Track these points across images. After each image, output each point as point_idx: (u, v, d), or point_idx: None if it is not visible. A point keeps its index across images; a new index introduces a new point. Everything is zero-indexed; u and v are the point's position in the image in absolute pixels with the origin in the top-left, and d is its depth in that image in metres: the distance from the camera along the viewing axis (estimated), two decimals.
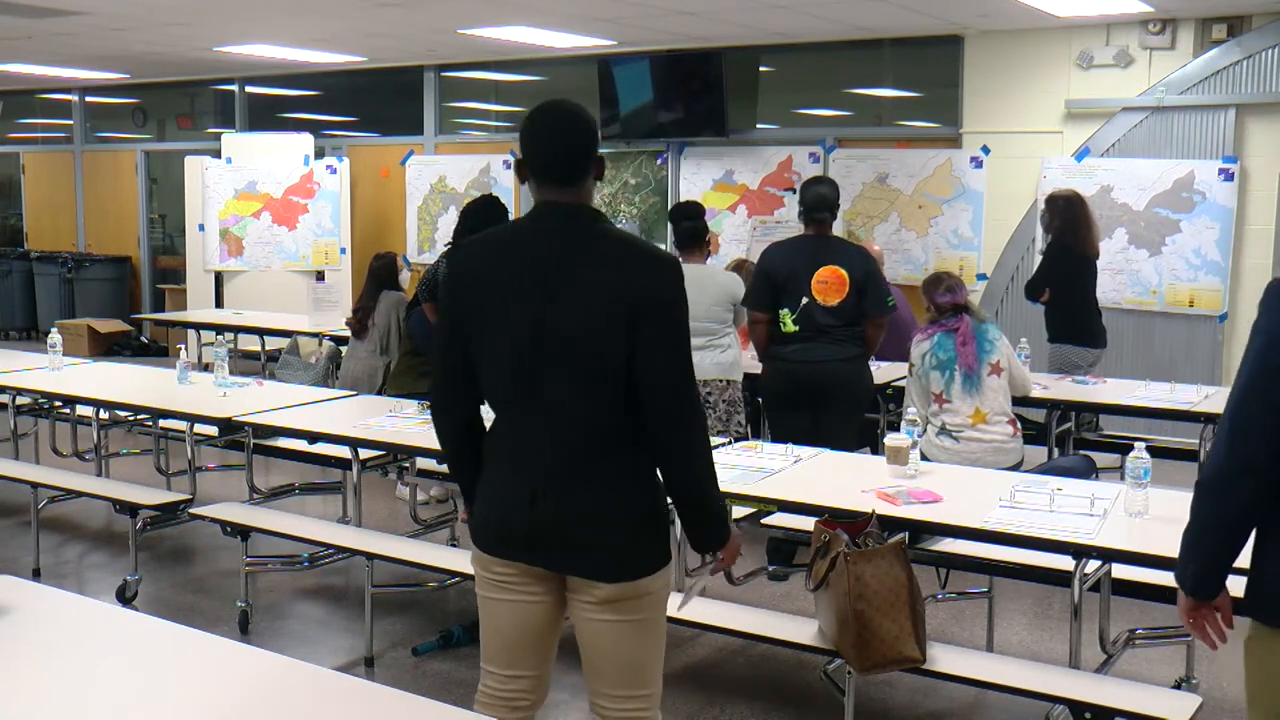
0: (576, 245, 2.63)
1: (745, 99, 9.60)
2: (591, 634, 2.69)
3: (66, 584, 5.45)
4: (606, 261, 2.62)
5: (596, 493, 2.63)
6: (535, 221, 2.71)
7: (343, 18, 8.30)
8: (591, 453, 2.63)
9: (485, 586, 2.75)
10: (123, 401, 5.60)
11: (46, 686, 2.24)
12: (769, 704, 4.20)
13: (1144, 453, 3.55)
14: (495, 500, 2.71)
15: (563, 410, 2.62)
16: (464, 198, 10.46)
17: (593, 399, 2.61)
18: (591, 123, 2.75)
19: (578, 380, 2.60)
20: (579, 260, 2.61)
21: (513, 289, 2.63)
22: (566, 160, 2.69)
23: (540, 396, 2.62)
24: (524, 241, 2.70)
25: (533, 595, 2.71)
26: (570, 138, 2.70)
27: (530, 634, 2.74)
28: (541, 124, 2.73)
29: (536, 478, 2.63)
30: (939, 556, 4.16)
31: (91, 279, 12.85)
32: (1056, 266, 6.56)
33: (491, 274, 2.67)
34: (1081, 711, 3.19)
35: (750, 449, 4.51)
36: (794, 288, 5.32)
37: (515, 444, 2.68)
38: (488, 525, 2.73)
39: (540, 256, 2.63)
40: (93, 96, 13.48)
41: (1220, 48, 7.59)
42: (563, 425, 2.62)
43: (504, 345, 2.64)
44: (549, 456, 2.63)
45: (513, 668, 2.77)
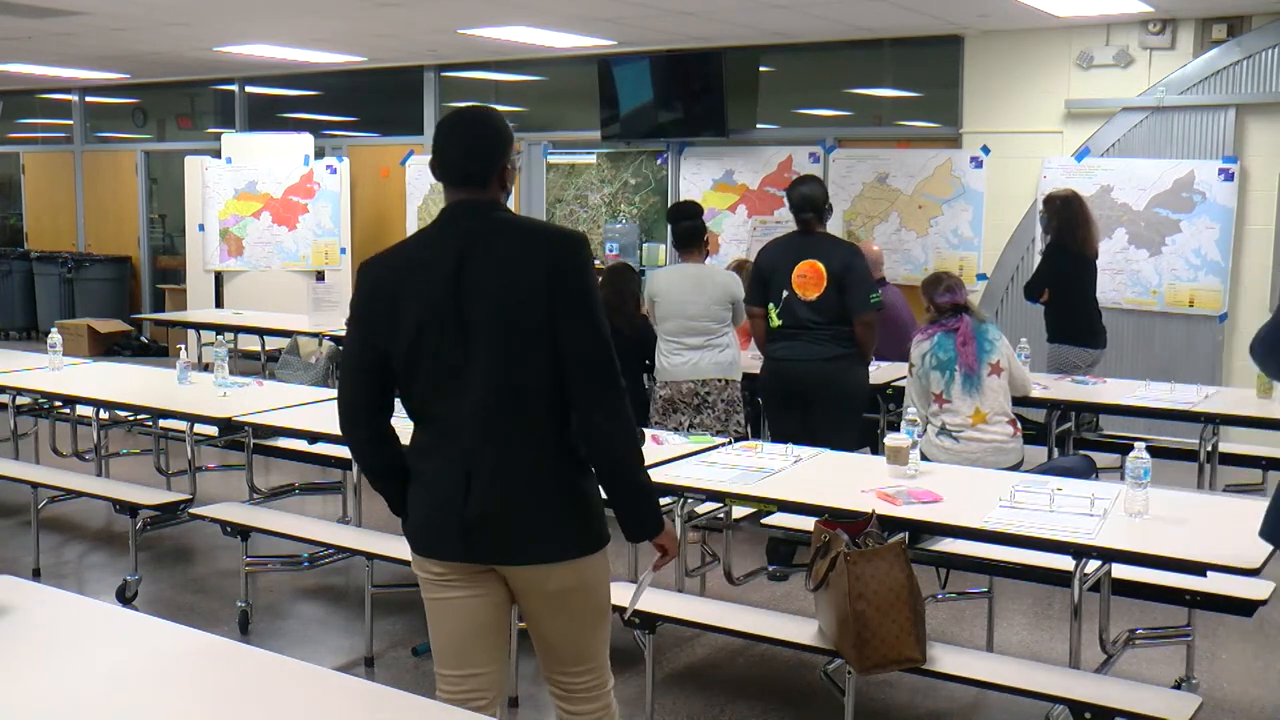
0: (482, 234, 2.69)
1: (745, 99, 9.59)
2: (538, 618, 2.75)
3: (66, 584, 5.45)
4: (514, 244, 2.68)
5: (528, 480, 2.66)
6: (440, 224, 2.76)
7: (343, 18, 8.30)
8: (520, 441, 2.66)
9: (428, 588, 2.77)
10: (123, 401, 5.60)
11: (46, 686, 2.24)
12: (769, 704, 4.20)
13: (1144, 453, 3.55)
14: (427, 502, 2.73)
15: (489, 401, 2.64)
16: None
17: (516, 384, 2.64)
18: (498, 130, 2.77)
19: (500, 368, 2.63)
20: (487, 248, 2.67)
21: (427, 289, 2.67)
22: (466, 165, 2.74)
23: (465, 391, 2.65)
24: (431, 242, 2.75)
25: (476, 591, 2.73)
26: (472, 144, 2.74)
27: (478, 631, 2.76)
28: (447, 129, 2.76)
29: (467, 473, 2.65)
30: (939, 556, 4.16)
31: (91, 279, 12.85)
32: (1055, 266, 6.56)
33: (404, 281, 2.71)
34: (1081, 711, 3.19)
35: (750, 449, 4.52)
36: (777, 282, 5.41)
37: (442, 444, 2.70)
38: (423, 527, 2.75)
39: (449, 253, 2.67)
40: (93, 96, 13.48)
41: (1220, 48, 7.59)
42: (490, 417, 2.65)
43: (426, 346, 2.66)
44: (478, 450, 2.65)
45: (464, 667, 2.78)
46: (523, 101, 11.30)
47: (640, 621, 3.86)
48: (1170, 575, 3.60)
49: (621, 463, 2.72)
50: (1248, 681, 4.42)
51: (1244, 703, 4.24)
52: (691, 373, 5.72)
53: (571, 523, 2.69)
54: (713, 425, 5.63)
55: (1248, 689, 4.35)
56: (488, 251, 2.66)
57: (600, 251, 9.97)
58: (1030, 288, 6.71)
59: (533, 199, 10.53)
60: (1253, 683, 4.41)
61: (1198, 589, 3.68)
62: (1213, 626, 4.72)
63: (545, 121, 10.96)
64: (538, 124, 10.93)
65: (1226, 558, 3.19)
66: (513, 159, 2.76)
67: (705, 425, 5.63)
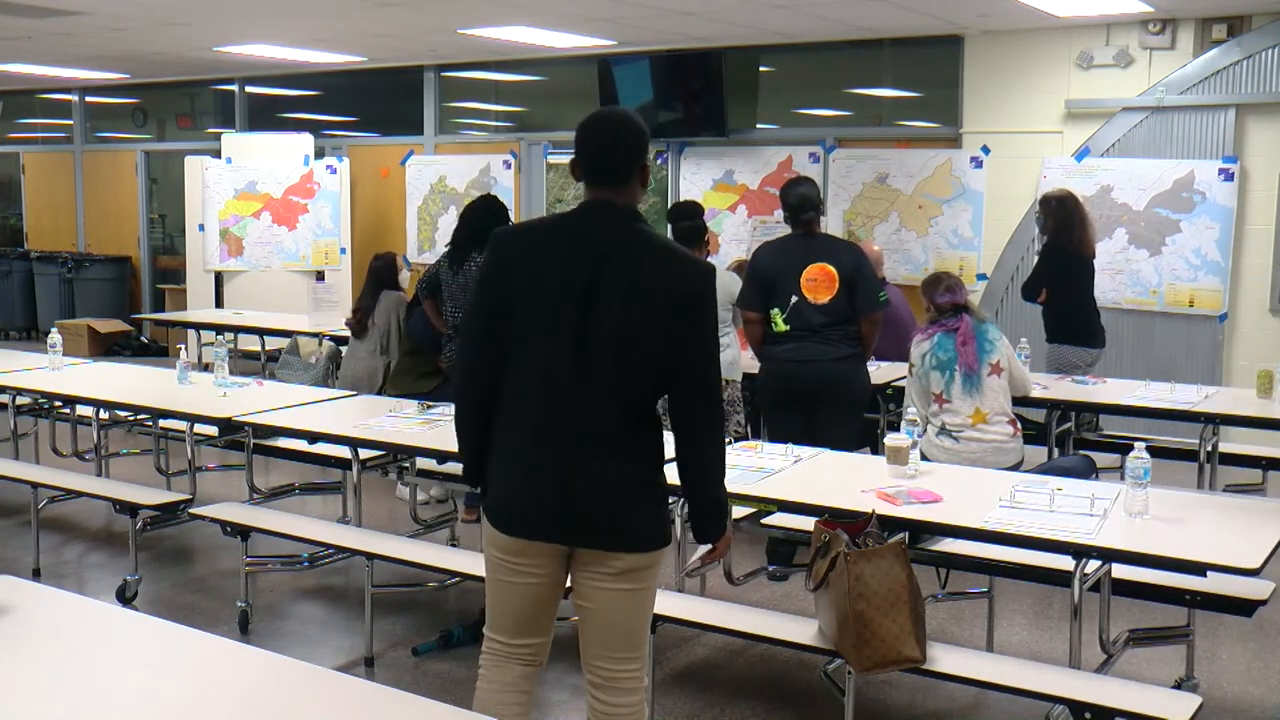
0: (620, 243, 2.84)
1: (745, 99, 9.59)
2: (602, 603, 2.89)
3: (66, 584, 5.45)
4: (648, 262, 2.85)
5: (623, 473, 2.84)
6: (582, 218, 2.92)
7: (343, 18, 8.30)
8: (620, 438, 2.83)
9: (498, 569, 2.92)
10: (123, 401, 5.60)
11: (46, 686, 2.24)
12: (769, 704, 4.20)
13: (1144, 453, 3.55)
14: (521, 482, 2.86)
15: (599, 398, 2.80)
16: (464, 198, 10.46)
17: (627, 389, 2.82)
18: (640, 131, 2.92)
19: (616, 371, 2.80)
20: (622, 258, 2.82)
21: (559, 280, 2.81)
22: (610, 164, 2.90)
23: (578, 384, 2.80)
24: (570, 235, 2.90)
25: (544, 572, 2.89)
26: (617, 143, 2.90)
27: (539, 607, 2.96)
28: (593, 128, 2.92)
29: (569, 460, 2.81)
30: (939, 556, 4.16)
31: (91, 279, 12.85)
32: (1052, 267, 6.55)
33: (537, 264, 2.85)
34: (1081, 711, 3.19)
35: (750, 449, 4.51)
36: (783, 287, 5.30)
37: (546, 429, 2.83)
38: (508, 507, 2.88)
39: (585, 251, 2.82)
40: (93, 96, 13.48)
41: (1220, 48, 7.59)
42: (597, 412, 2.81)
43: (547, 333, 2.80)
44: (583, 441, 2.81)
45: (520, 636, 2.97)
46: (523, 101, 11.30)
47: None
48: (1170, 575, 3.60)
49: (714, 486, 2.96)
50: (1248, 681, 4.42)
51: (1244, 703, 4.24)
52: None
53: (655, 518, 2.90)
54: None
55: (1248, 689, 4.35)
56: (624, 266, 2.81)
57: None
58: (1028, 288, 6.70)
59: (533, 199, 10.53)
60: (1253, 683, 4.41)
61: (1198, 589, 3.68)
62: (1213, 626, 4.72)
63: (545, 121, 10.95)
64: (538, 124, 10.93)
65: (1226, 558, 3.19)
66: (650, 157, 2.92)
67: None
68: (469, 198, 10.22)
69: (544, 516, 2.84)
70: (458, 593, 5.14)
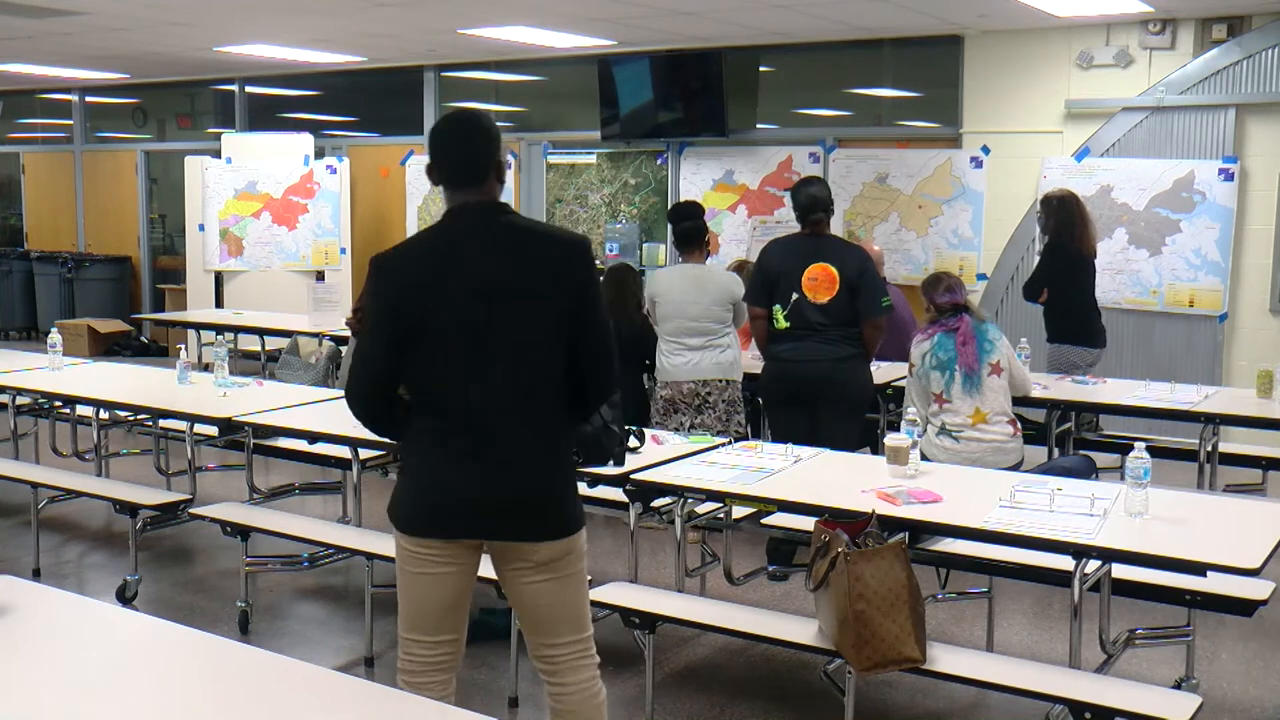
0: (502, 238, 2.92)
1: (745, 99, 9.59)
2: (531, 595, 2.97)
3: (66, 584, 5.45)
4: (533, 248, 2.93)
5: (539, 465, 2.93)
6: (458, 224, 2.95)
7: (343, 18, 8.30)
8: (529, 431, 2.92)
9: (414, 563, 2.95)
10: (123, 401, 5.60)
11: (46, 686, 2.24)
12: (769, 704, 4.20)
13: (1144, 453, 3.55)
14: (438, 484, 2.92)
15: (512, 393, 2.89)
16: None
17: (537, 377, 2.92)
18: (492, 129, 3.00)
19: (527, 363, 2.90)
20: (509, 251, 2.90)
21: (458, 287, 2.88)
22: (468, 165, 2.95)
23: (493, 383, 2.88)
24: (454, 243, 2.94)
25: (459, 565, 2.96)
26: (471, 145, 2.95)
27: (455, 601, 3.00)
28: (446, 132, 2.98)
29: (483, 460, 2.87)
30: (939, 556, 4.16)
31: (91, 279, 12.85)
32: (1053, 266, 6.55)
33: (430, 276, 2.90)
34: (1081, 711, 3.19)
35: (750, 449, 4.51)
36: (786, 284, 5.34)
37: (460, 429, 2.89)
38: (421, 509, 2.93)
39: (474, 254, 2.90)
40: (93, 96, 13.47)
41: (1220, 48, 7.59)
42: (504, 409, 2.89)
43: (449, 343, 2.87)
44: (493, 439, 2.88)
45: (439, 634, 3.00)
46: (523, 101, 11.30)
47: (640, 621, 3.87)
48: (1170, 575, 3.60)
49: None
50: (1248, 681, 4.42)
51: (1244, 703, 4.24)
52: (692, 373, 5.72)
53: (571, 504, 2.98)
54: (714, 425, 5.63)
55: (1248, 689, 4.35)
56: (514, 258, 2.89)
57: (600, 251, 9.97)
58: (1029, 287, 6.70)
59: (533, 199, 10.53)
60: (1253, 683, 4.41)
61: (1198, 589, 3.68)
62: (1213, 626, 4.72)
63: (545, 121, 10.96)
64: (538, 124, 10.93)
65: (1226, 558, 3.19)
66: (503, 154, 2.98)
67: (706, 425, 5.63)
68: None
69: (460, 515, 2.90)
70: None
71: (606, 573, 5.09)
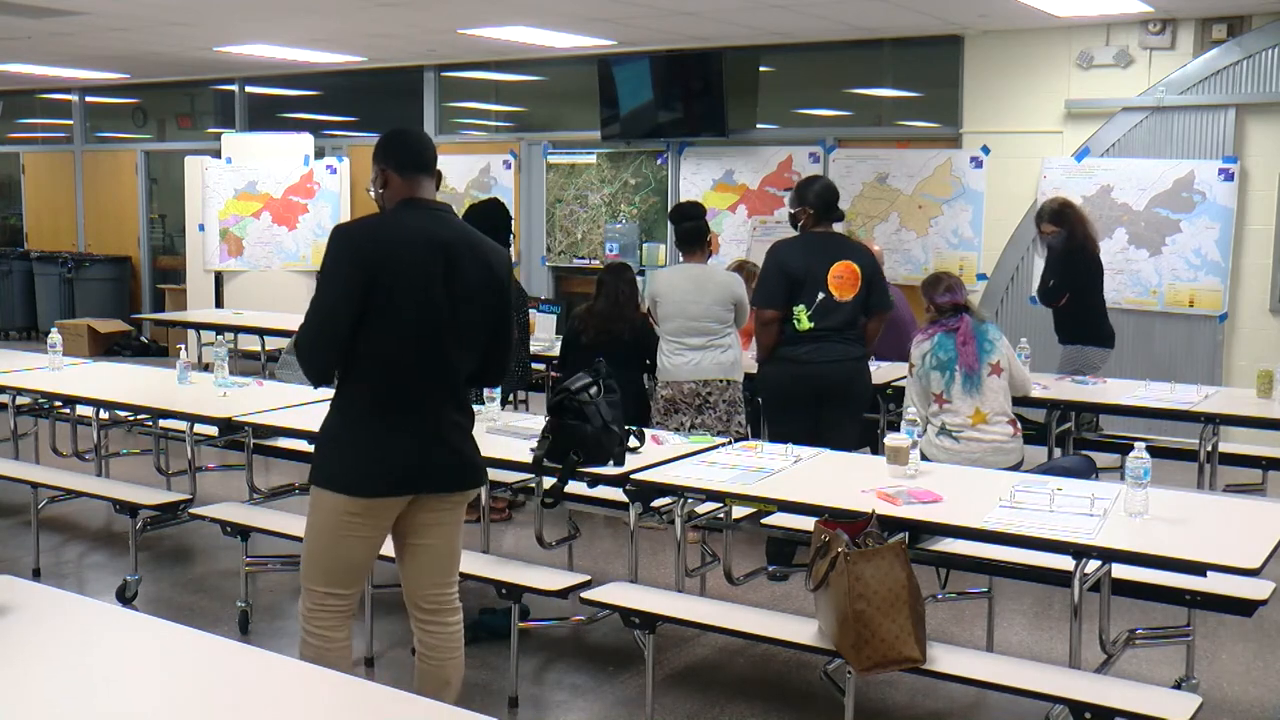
0: (456, 236, 3.32)
1: (745, 99, 9.60)
2: (442, 537, 3.39)
3: (66, 584, 5.45)
4: (478, 251, 3.35)
5: (463, 426, 3.39)
6: (418, 215, 3.31)
7: (343, 18, 8.30)
8: (460, 398, 3.39)
9: (348, 527, 3.26)
10: (123, 401, 5.59)
11: (46, 686, 2.24)
12: (769, 704, 4.20)
13: (1144, 453, 3.55)
14: (382, 451, 3.25)
15: (453, 370, 3.32)
16: (464, 197, 10.46)
17: (471, 358, 3.37)
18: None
19: (467, 345, 3.33)
20: (462, 248, 3.30)
21: (421, 270, 3.22)
22: (425, 164, 3.38)
23: (440, 359, 3.28)
24: (415, 230, 3.27)
25: (384, 526, 3.33)
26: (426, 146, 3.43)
27: (373, 557, 3.42)
28: (401, 135, 3.45)
29: (432, 423, 3.28)
30: (939, 556, 4.16)
31: (91, 279, 12.85)
32: (1079, 271, 6.51)
33: (391, 253, 3.22)
34: (1081, 711, 3.18)
35: (750, 449, 4.51)
36: (812, 283, 5.24)
37: (402, 404, 3.26)
38: (369, 474, 3.23)
39: (435, 243, 3.26)
40: (93, 96, 13.48)
41: (1220, 48, 7.59)
42: (451, 381, 3.33)
43: (412, 316, 3.21)
44: (440, 405, 3.30)
45: (354, 586, 3.39)
46: (523, 101, 11.30)
47: (640, 621, 3.87)
48: (1170, 575, 3.60)
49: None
50: (1248, 681, 4.42)
51: (1244, 703, 4.24)
52: (693, 373, 5.71)
53: (480, 458, 3.46)
54: (714, 425, 5.63)
55: (1248, 689, 4.35)
56: (464, 254, 3.29)
57: (600, 251, 9.98)
58: (1049, 293, 6.57)
59: (532, 199, 10.53)
60: (1253, 683, 4.41)
61: (1198, 589, 3.68)
62: (1213, 626, 4.72)
63: (545, 121, 10.96)
64: (538, 124, 10.93)
65: (1226, 558, 3.19)
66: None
67: (707, 425, 5.62)
68: (469, 198, 10.26)
69: (410, 474, 3.26)
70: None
71: (606, 573, 5.09)
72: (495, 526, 5.96)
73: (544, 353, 6.96)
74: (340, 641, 3.34)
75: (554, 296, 10.15)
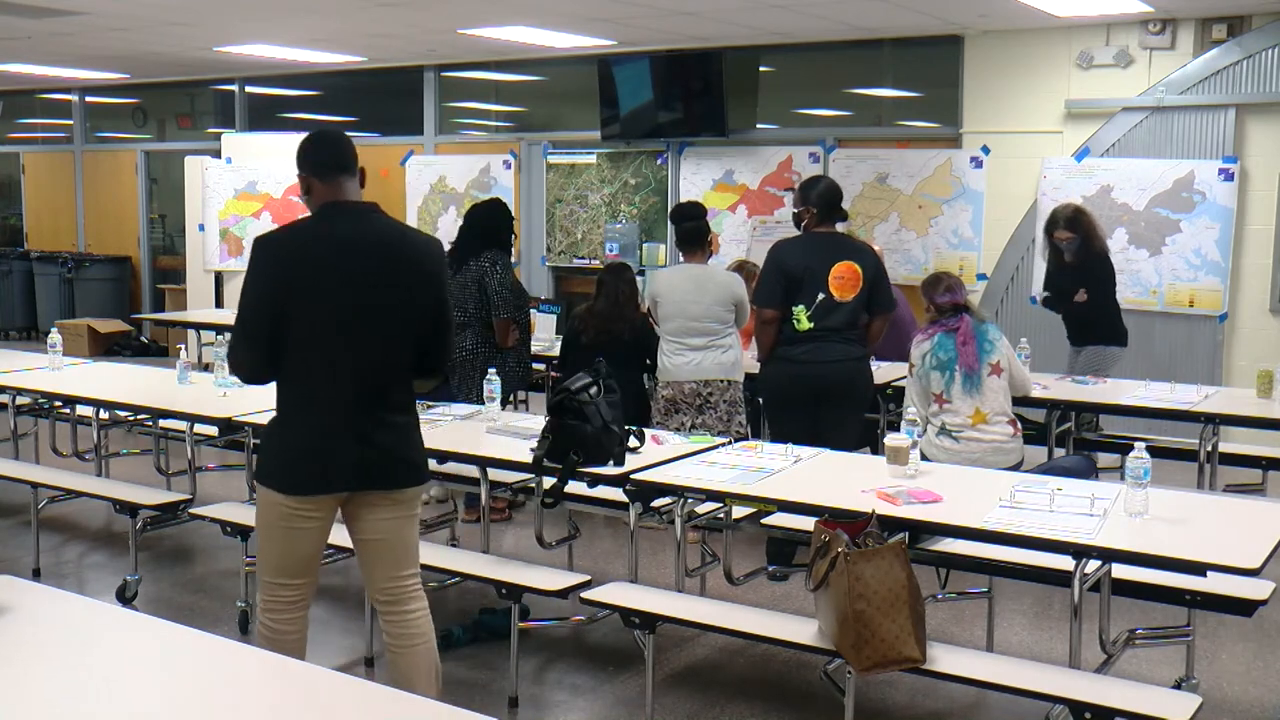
0: (383, 232, 3.38)
1: (745, 99, 9.60)
2: (390, 532, 3.46)
3: (66, 584, 5.45)
4: (407, 245, 3.42)
5: (403, 423, 3.44)
6: (335, 215, 3.37)
7: (343, 18, 8.30)
8: (396, 393, 3.42)
9: (290, 520, 3.35)
10: (123, 401, 5.60)
11: (46, 686, 2.24)
12: (769, 704, 4.20)
13: (1144, 453, 3.55)
14: (316, 449, 3.33)
15: (389, 365, 3.38)
16: (464, 198, 10.47)
17: (406, 352, 3.41)
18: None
19: (392, 338, 3.37)
20: (391, 244, 3.37)
21: (348, 269, 3.29)
22: (347, 165, 3.41)
23: (374, 356, 3.34)
24: (332, 232, 3.34)
25: (326, 517, 3.41)
26: (347, 147, 3.45)
27: (320, 547, 3.48)
28: (321, 138, 3.48)
29: (367, 420, 3.34)
30: (939, 556, 4.16)
31: (91, 279, 12.85)
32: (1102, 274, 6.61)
33: (311, 260, 3.30)
34: (1081, 711, 3.18)
35: (750, 449, 4.51)
36: (811, 283, 5.23)
37: (333, 403, 3.32)
38: (303, 472, 3.33)
39: (361, 242, 3.33)
40: (93, 96, 13.48)
41: (1220, 48, 7.59)
42: (380, 376, 3.37)
43: (332, 316, 3.28)
44: (377, 402, 3.36)
45: (304, 576, 3.45)
46: (523, 101, 11.30)
47: (640, 621, 3.87)
48: (1170, 575, 3.60)
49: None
50: (1248, 681, 4.42)
51: (1244, 703, 4.24)
52: (694, 373, 5.71)
53: (422, 456, 3.52)
54: (715, 426, 5.62)
55: (1248, 689, 4.35)
56: (394, 250, 3.37)
57: (600, 251, 9.97)
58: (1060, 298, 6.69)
59: (532, 199, 10.53)
60: (1253, 683, 4.41)
61: (1198, 589, 3.68)
62: (1213, 626, 4.73)
63: (545, 121, 10.96)
64: (538, 124, 10.93)
65: (1226, 558, 3.19)
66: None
67: (707, 426, 5.62)
68: (469, 198, 10.26)
69: (342, 472, 3.33)
70: (458, 593, 5.14)
71: (606, 573, 5.09)
72: (495, 526, 5.96)
73: (544, 353, 6.96)
74: (292, 634, 3.43)
75: (554, 296, 10.16)
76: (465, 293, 5.90)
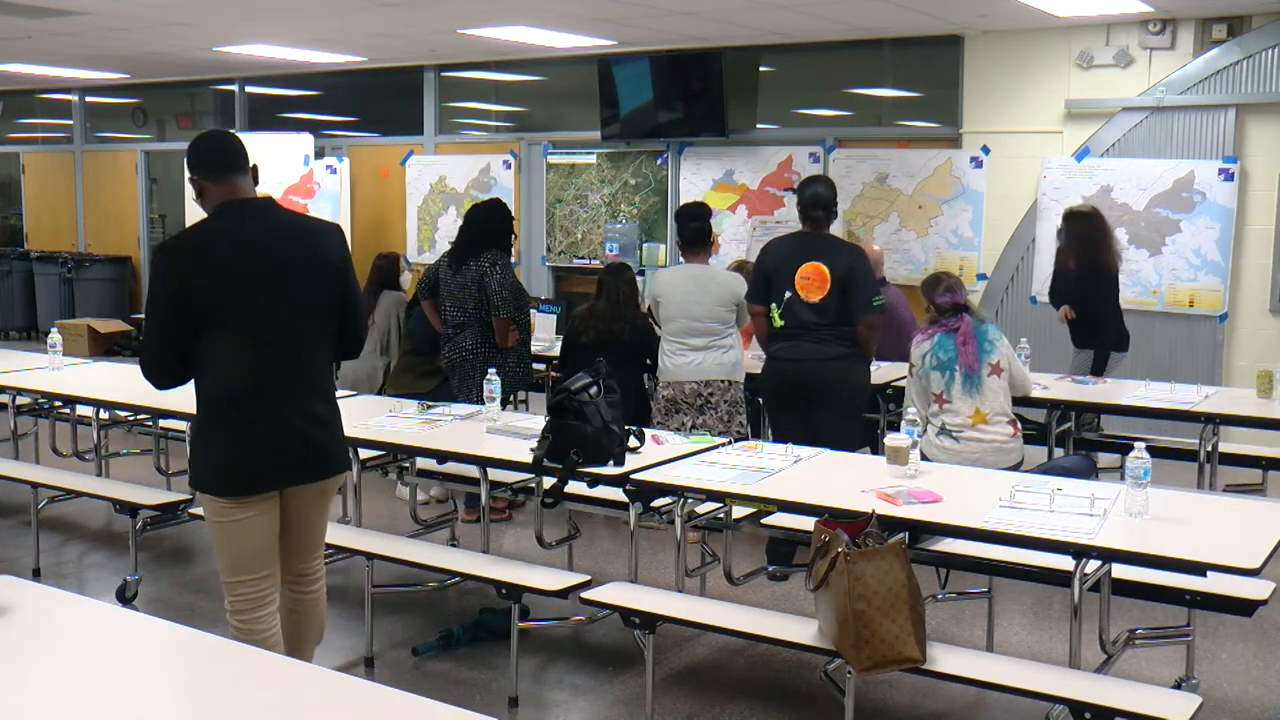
0: (285, 227, 3.45)
1: (745, 99, 9.60)
2: (314, 517, 3.59)
3: (66, 584, 5.45)
4: (310, 236, 3.48)
5: (329, 415, 3.53)
6: (234, 214, 3.39)
7: (343, 18, 8.30)
8: (323, 386, 3.53)
9: (232, 518, 3.40)
10: (123, 401, 5.59)
11: (46, 686, 2.24)
12: (769, 704, 4.20)
13: (1144, 453, 3.55)
14: (244, 448, 3.37)
15: (308, 359, 3.46)
16: (464, 198, 10.47)
17: (325, 344, 3.51)
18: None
19: (317, 332, 3.46)
20: (295, 238, 3.43)
21: (256, 268, 3.34)
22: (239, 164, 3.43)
23: (293, 351, 3.41)
24: (234, 231, 3.37)
25: (269, 509, 3.45)
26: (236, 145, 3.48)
27: (271, 539, 3.50)
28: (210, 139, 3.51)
29: (289, 413, 3.40)
30: (939, 556, 4.16)
31: (91, 279, 12.85)
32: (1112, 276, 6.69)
33: (215, 262, 3.33)
34: (1081, 711, 3.19)
35: (750, 449, 4.51)
36: (780, 282, 5.34)
37: (254, 399, 3.36)
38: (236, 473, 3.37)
39: (264, 239, 3.37)
40: (93, 96, 13.48)
41: (1220, 48, 7.59)
42: (308, 371, 3.46)
43: (244, 312, 3.32)
44: (303, 397, 3.44)
45: (264, 569, 3.49)
46: (523, 101, 11.30)
47: (640, 621, 3.87)
48: (1170, 575, 3.60)
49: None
50: (1248, 681, 4.42)
51: (1244, 703, 4.24)
52: (695, 373, 5.71)
53: (344, 443, 3.63)
54: (715, 426, 5.63)
55: (1248, 689, 4.35)
56: (298, 244, 3.42)
57: (600, 251, 9.98)
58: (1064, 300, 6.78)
59: (532, 199, 10.53)
60: (1253, 683, 4.41)
61: (1198, 589, 3.68)
62: (1213, 626, 4.73)
63: (545, 121, 10.96)
64: (538, 124, 10.93)
65: (1226, 558, 3.19)
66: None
67: (708, 426, 5.63)
68: (469, 198, 10.26)
69: (274, 469, 3.40)
70: (457, 593, 5.14)
71: (606, 572, 5.09)
72: (495, 526, 5.97)
73: (544, 353, 6.96)
74: (262, 633, 3.45)
75: (554, 296, 10.16)
76: (465, 293, 5.89)
